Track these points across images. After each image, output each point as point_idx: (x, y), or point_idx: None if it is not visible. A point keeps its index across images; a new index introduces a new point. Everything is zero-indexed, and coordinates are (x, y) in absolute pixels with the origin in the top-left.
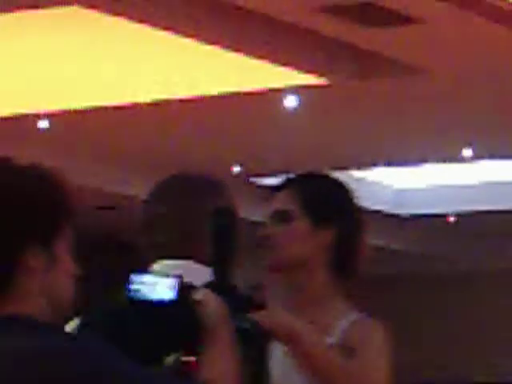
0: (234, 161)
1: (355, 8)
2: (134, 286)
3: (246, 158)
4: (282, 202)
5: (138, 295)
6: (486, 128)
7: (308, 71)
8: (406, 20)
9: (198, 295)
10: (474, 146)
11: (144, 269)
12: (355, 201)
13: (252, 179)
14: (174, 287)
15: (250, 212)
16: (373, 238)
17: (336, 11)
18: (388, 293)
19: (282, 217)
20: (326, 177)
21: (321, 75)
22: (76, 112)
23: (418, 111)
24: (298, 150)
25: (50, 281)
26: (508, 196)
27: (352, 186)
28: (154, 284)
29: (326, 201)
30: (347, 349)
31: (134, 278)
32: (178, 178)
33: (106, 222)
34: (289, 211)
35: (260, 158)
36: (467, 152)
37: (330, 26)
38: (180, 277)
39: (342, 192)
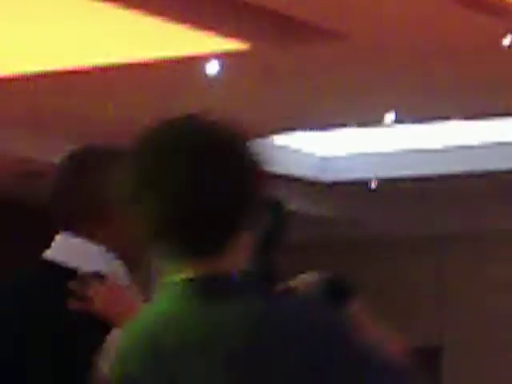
0: None
1: None
2: None
3: None
4: None
5: None
6: (409, 92)
7: (229, 37)
8: None
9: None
10: (396, 111)
11: None
12: None
13: None
14: None
15: None
16: (295, 205)
17: None
18: (312, 258)
19: None
20: None
21: (242, 41)
22: (2, 79)
23: (341, 76)
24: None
25: (251, 243)
26: (431, 162)
27: (275, 153)
28: None
29: None
30: None
31: None
32: (79, 152)
33: (34, 190)
34: None
35: None
36: (389, 116)
37: None
38: None
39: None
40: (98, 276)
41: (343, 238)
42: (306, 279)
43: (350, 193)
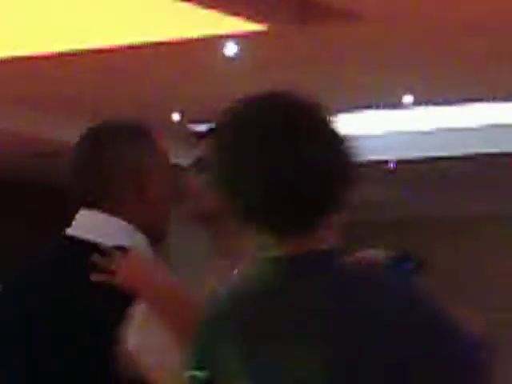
0: (173, 109)
1: None
2: None
3: (185, 105)
4: (202, 149)
5: None
6: (427, 73)
7: (247, 18)
8: None
9: None
10: (414, 92)
11: None
12: None
13: (192, 127)
14: None
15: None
16: None
17: None
18: None
19: (197, 166)
20: None
21: (260, 22)
22: (13, 59)
23: (359, 57)
24: (239, 97)
25: (340, 223)
26: (448, 143)
27: None
28: None
29: None
30: None
31: None
32: (95, 129)
33: (46, 169)
34: (203, 158)
35: (200, 106)
36: (408, 98)
37: None
38: None
39: None
40: (121, 249)
41: (369, 220)
42: (373, 255)
43: (370, 174)
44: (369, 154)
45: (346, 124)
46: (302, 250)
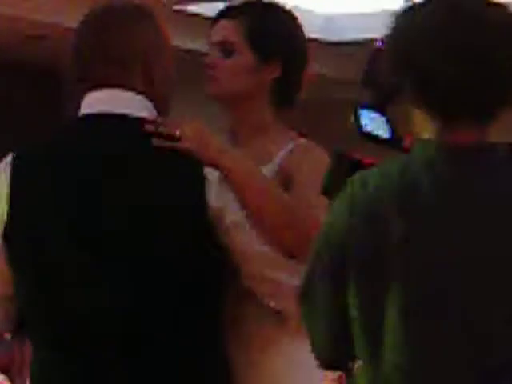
0: None
1: None
2: (363, 121)
3: None
4: (225, 32)
5: (370, 131)
6: None
7: None
8: None
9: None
10: None
11: (369, 104)
12: (302, 32)
13: (180, 6)
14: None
15: (182, 40)
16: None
17: None
18: (322, 118)
19: (225, 48)
20: (273, 6)
21: None
22: None
23: None
24: None
25: None
26: None
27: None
28: (378, 121)
29: (272, 33)
30: (284, 176)
31: (363, 113)
32: (100, 11)
33: (39, 52)
34: (233, 43)
35: None
36: None
37: None
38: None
39: (289, 23)
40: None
41: (348, 98)
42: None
43: (354, 52)
44: (357, 32)
45: (334, 2)
46: (472, 140)
